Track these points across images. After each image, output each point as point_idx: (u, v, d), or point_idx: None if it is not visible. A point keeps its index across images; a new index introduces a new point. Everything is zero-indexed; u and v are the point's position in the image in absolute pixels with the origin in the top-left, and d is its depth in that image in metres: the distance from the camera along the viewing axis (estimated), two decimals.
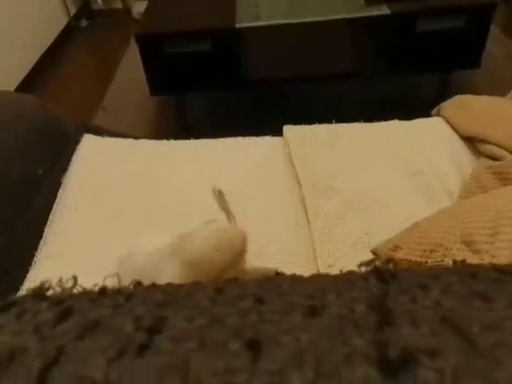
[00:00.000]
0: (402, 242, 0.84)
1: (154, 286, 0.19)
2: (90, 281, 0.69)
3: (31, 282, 0.79)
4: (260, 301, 0.16)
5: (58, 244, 0.88)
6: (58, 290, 0.20)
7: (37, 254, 0.86)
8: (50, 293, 0.21)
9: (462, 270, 0.17)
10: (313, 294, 0.16)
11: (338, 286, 0.16)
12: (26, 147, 1.00)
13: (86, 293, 0.18)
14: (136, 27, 2.02)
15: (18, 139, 1.00)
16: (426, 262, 0.73)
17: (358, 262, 0.82)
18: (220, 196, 1.01)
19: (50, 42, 2.76)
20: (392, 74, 1.97)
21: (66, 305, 0.16)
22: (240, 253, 0.76)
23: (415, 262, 0.77)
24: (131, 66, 2.50)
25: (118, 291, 0.17)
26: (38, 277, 0.81)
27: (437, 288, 0.15)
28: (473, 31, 1.79)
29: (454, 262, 0.19)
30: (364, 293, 0.16)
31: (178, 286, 0.19)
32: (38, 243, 0.88)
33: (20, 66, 2.43)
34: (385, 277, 0.17)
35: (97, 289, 0.18)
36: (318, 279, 0.18)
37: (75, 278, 0.19)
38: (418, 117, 1.27)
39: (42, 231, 0.91)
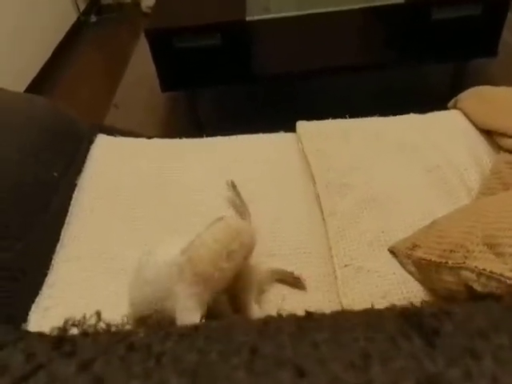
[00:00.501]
0: (420, 241, 0.83)
1: (182, 337, 0.18)
2: (106, 284, 0.68)
3: (49, 286, 0.80)
4: (300, 373, 0.15)
5: (74, 247, 0.88)
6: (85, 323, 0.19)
7: (54, 257, 0.87)
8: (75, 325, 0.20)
9: (507, 319, 0.16)
10: (355, 363, 0.15)
11: (381, 346, 0.15)
12: (40, 150, 1.00)
13: (113, 345, 0.17)
14: (145, 21, 2.00)
15: (32, 142, 1.00)
16: (446, 262, 0.72)
17: (375, 260, 0.80)
18: (233, 189, 0.99)
19: (59, 40, 2.76)
20: (406, 65, 1.93)
21: (95, 371, 0.15)
22: (251, 249, 0.75)
23: (434, 262, 0.76)
24: (141, 62, 2.49)
25: (147, 349, 0.16)
26: (57, 280, 0.82)
27: (488, 355, 0.14)
28: (489, 19, 1.74)
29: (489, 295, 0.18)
30: (411, 363, 0.15)
31: (210, 343, 0.18)
32: (55, 246, 0.89)
33: (30, 64, 2.44)
34: (428, 334, 0.15)
35: (123, 343, 0.17)
36: (355, 326, 0.16)
37: (98, 314, 0.19)
38: (432, 109, 1.24)
39: (59, 234, 0.91)
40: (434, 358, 0.15)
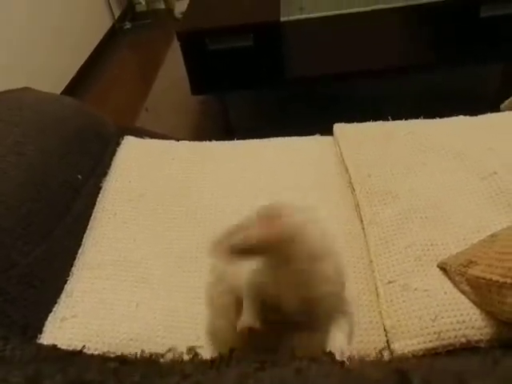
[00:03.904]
0: (477, 257, 0.73)
1: None
2: (127, 294, 0.62)
3: (68, 295, 0.75)
4: None
5: (96, 253, 0.83)
6: None
7: (75, 263, 0.82)
8: None
9: None
10: None
11: None
12: (66, 152, 0.97)
13: None
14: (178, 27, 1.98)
15: (58, 144, 0.97)
16: None
17: (423, 277, 0.70)
18: None
19: (94, 46, 2.80)
20: (453, 66, 1.81)
21: None
22: None
23: (496, 281, 0.66)
24: (173, 67, 2.48)
25: None
26: (76, 289, 0.77)
27: None
28: None
29: None
30: None
31: None
32: (76, 252, 0.84)
33: (66, 69, 2.47)
34: None
35: None
36: None
37: None
38: (481, 112, 1.13)
39: (81, 239, 0.87)
40: None
